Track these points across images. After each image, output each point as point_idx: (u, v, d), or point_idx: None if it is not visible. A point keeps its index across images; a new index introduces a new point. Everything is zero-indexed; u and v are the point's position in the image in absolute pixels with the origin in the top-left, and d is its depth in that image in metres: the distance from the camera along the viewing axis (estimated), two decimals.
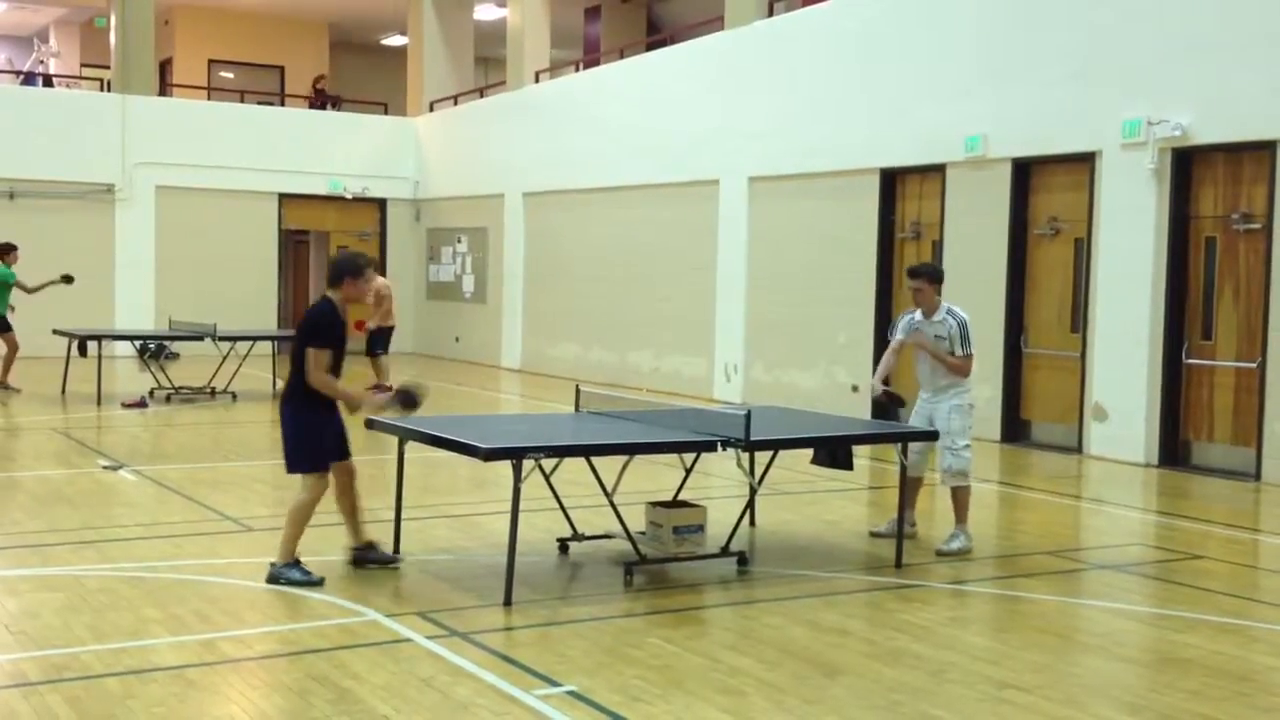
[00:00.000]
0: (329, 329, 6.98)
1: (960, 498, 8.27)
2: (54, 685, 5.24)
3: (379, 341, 17.51)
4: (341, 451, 7.23)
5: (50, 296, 17.18)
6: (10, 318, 16.49)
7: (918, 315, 8.43)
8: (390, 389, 17.45)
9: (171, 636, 5.94)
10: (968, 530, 8.24)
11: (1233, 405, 11.64)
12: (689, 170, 17.85)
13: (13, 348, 16.38)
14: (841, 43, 15.61)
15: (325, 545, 8.00)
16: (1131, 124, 12.04)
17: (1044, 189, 13.29)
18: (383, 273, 24.90)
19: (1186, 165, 11.91)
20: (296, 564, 6.94)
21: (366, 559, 7.34)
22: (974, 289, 13.31)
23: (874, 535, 8.50)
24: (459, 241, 23.93)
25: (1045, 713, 5.16)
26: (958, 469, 8.21)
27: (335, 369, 7.02)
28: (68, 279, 16.88)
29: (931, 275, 8.44)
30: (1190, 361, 11.93)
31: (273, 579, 6.88)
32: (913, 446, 8.22)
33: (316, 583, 6.85)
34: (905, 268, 8.86)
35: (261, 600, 6.66)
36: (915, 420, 8.44)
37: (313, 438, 7.01)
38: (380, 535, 8.05)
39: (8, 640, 5.87)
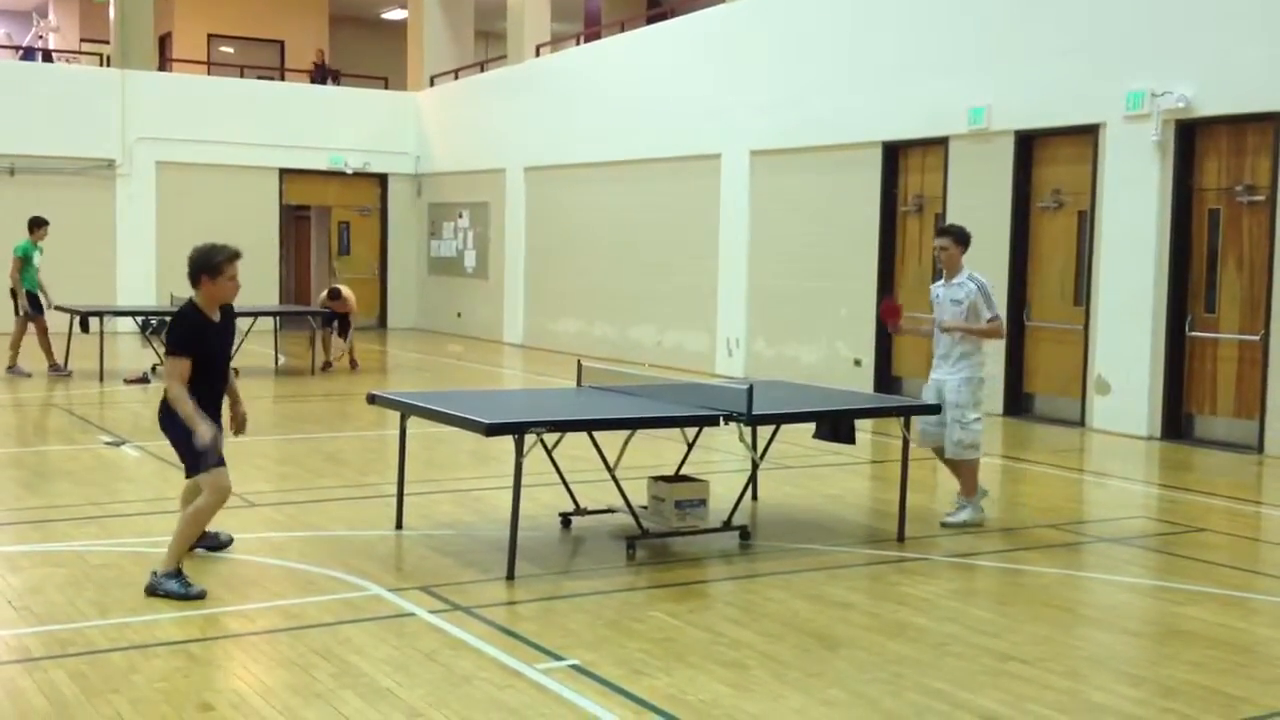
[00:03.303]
0: (193, 334, 6.31)
1: (966, 470, 8.18)
2: (58, 660, 5.25)
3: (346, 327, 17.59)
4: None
5: (51, 273, 17.08)
6: (44, 298, 15.65)
7: (942, 281, 8.38)
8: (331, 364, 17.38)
9: (175, 611, 5.94)
10: (976, 502, 8.17)
11: (1235, 378, 11.63)
12: (690, 144, 17.79)
13: (40, 330, 15.71)
14: (843, 15, 15.53)
15: (325, 520, 8.01)
16: (1135, 96, 11.99)
17: (1047, 161, 13.24)
18: (384, 249, 25.01)
19: (1190, 137, 11.85)
20: (179, 573, 6.19)
21: (202, 544, 6.80)
22: (977, 262, 13.09)
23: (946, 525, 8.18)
24: (460, 216, 23.88)
25: (1047, 685, 5.17)
26: (967, 442, 8.09)
27: (210, 381, 6.42)
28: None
29: (959, 236, 8.34)
30: (1193, 334, 11.91)
31: (150, 590, 6.15)
32: (924, 422, 8.16)
33: (196, 596, 6.10)
34: (935, 228, 8.75)
35: (264, 575, 6.67)
36: (926, 394, 8.38)
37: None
38: (383, 510, 8.08)
39: (11, 616, 5.88)
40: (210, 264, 6.29)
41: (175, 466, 9.68)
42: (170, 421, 6.37)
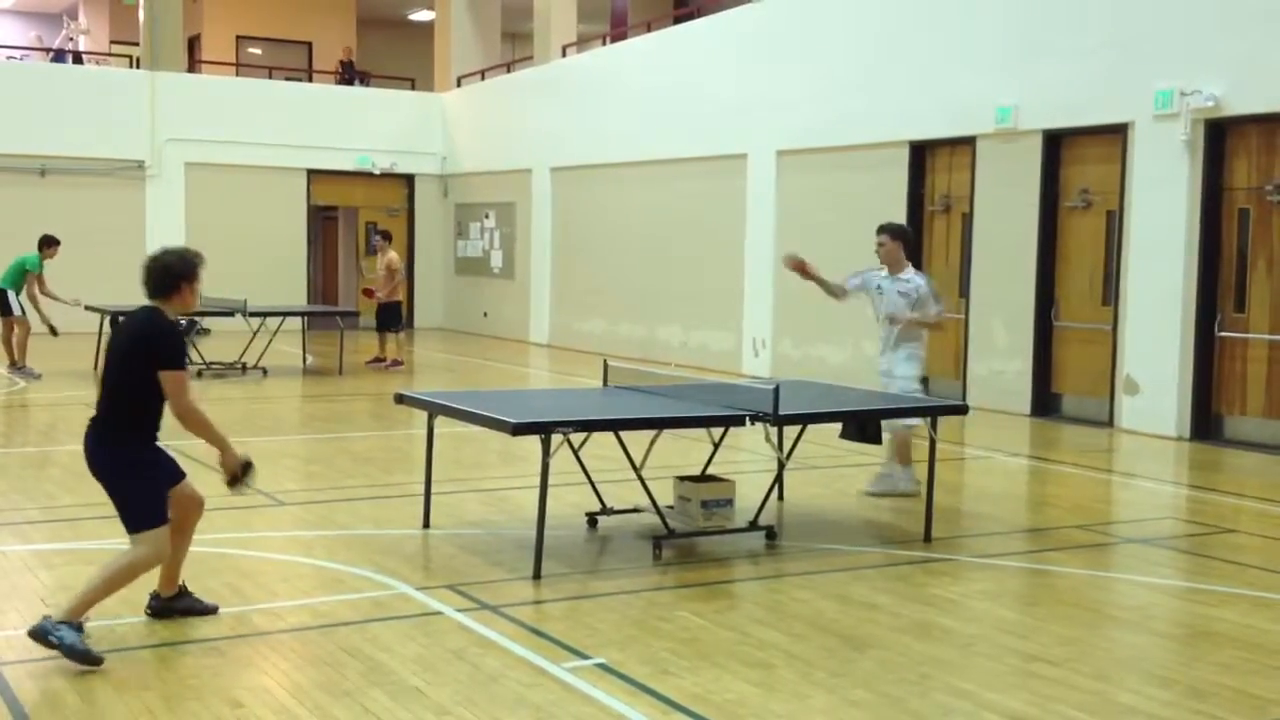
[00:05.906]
0: (181, 347, 5.54)
1: (908, 441, 8.76)
2: None
3: (394, 317, 17.58)
4: (176, 476, 5.73)
5: (81, 274, 17.21)
6: (14, 300, 15.65)
7: (884, 272, 8.95)
8: (400, 362, 17.62)
9: None
10: (912, 473, 8.74)
11: (1266, 378, 11.55)
12: (717, 144, 17.79)
13: (9, 329, 15.68)
14: (870, 14, 15.50)
15: (353, 519, 8.05)
16: (1164, 95, 11.92)
17: (1075, 161, 13.18)
18: (411, 249, 25.09)
19: (1219, 136, 11.78)
20: (80, 627, 5.21)
21: (175, 609, 5.81)
22: (1004, 262, 13.24)
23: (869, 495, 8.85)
24: (487, 217, 23.94)
25: (1074, 686, 5.15)
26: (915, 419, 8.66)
27: (160, 403, 5.53)
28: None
29: (895, 233, 8.97)
30: (1223, 334, 11.83)
31: (38, 634, 5.14)
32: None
33: (93, 661, 5.11)
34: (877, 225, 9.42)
35: (293, 573, 6.71)
36: (882, 379, 8.96)
37: (151, 484, 5.52)
38: (411, 509, 8.11)
39: (44, 613, 5.92)
40: (193, 270, 5.58)
41: (206, 465, 9.76)
42: (116, 466, 5.45)
